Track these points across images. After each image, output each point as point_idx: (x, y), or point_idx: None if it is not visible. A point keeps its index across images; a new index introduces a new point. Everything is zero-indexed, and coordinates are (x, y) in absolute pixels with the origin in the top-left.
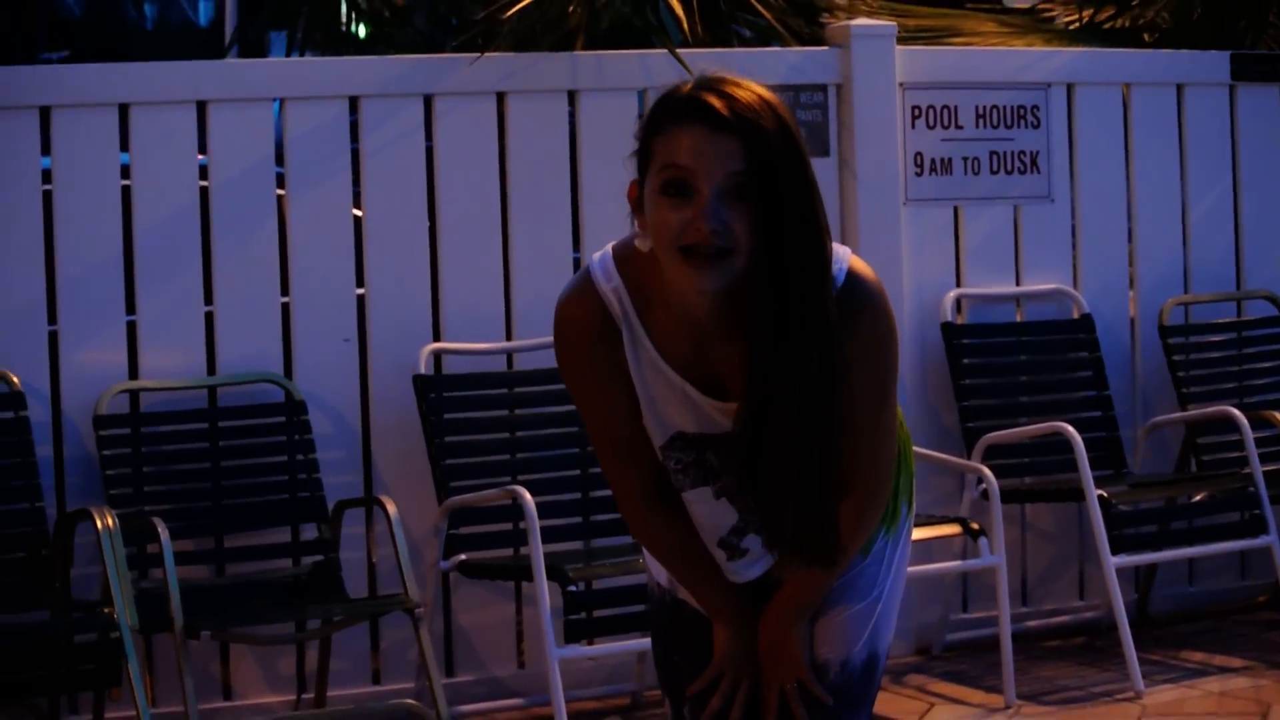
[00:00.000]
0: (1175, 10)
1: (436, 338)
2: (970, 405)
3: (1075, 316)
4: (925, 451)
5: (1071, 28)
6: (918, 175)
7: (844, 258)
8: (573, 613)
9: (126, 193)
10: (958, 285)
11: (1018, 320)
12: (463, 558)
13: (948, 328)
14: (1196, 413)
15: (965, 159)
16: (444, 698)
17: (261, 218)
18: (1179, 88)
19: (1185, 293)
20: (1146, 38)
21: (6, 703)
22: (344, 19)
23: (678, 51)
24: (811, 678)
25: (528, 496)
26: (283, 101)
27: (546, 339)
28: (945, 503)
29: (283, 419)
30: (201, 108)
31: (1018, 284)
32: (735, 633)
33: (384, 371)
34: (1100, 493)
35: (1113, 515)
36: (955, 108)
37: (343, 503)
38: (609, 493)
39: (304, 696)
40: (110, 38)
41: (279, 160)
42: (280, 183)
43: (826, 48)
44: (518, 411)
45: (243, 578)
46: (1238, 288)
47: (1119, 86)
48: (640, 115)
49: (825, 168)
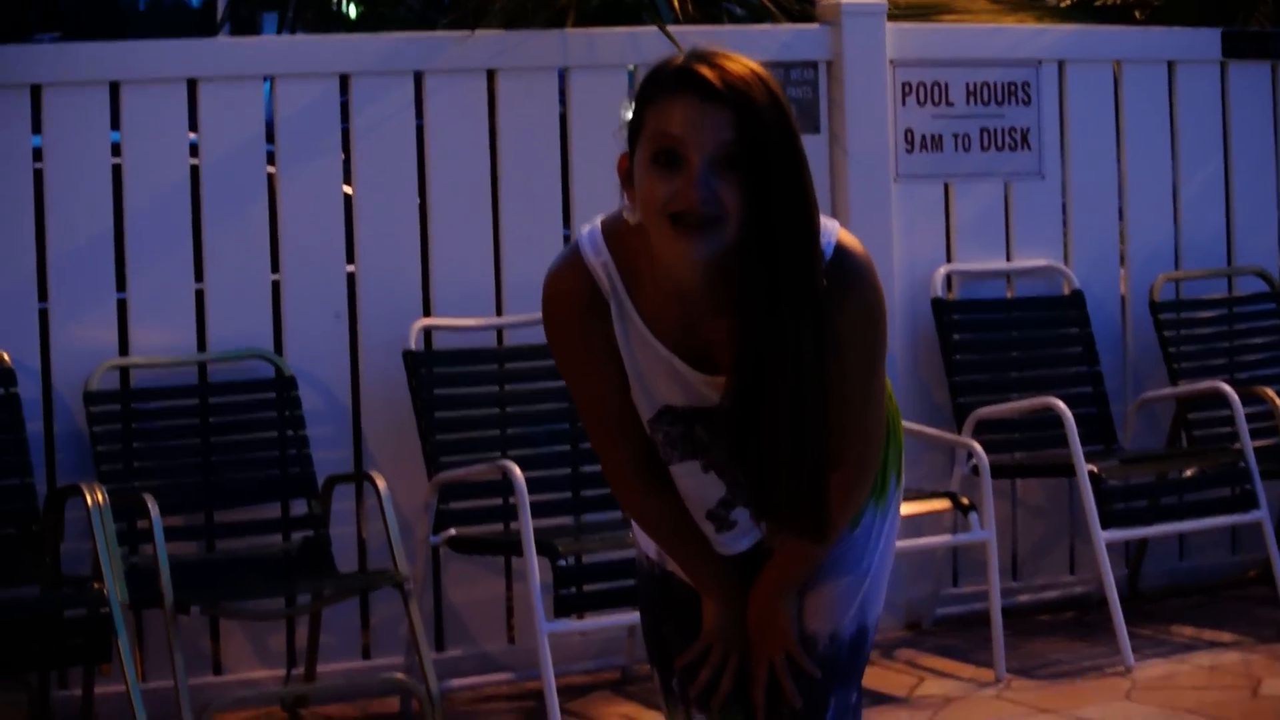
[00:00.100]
0: None
1: (427, 313)
2: (961, 381)
3: (1066, 293)
4: (916, 427)
5: (1063, 5)
6: (908, 152)
7: (832, 231)
8: (563, 587)
9: (117, 171)
10: (948, 261)
11: (1008, 296)
12: (453, 533)
13: (938, 304)
14: (1187, 388)
15: (956, 136)
16: (434, 672)
17: (252, 195)
18: (1170, 65)
19: (1176, 269)
20: (1138, 15)
21: None
22: None
23: (668, 29)
24: (800, 651)
25: (517, 471)
26: (273, 79)
27: (537, 315)
28: (936, 478)
29: (273, 395)
30: (192, 86)
31: (1008, 260)
32: (724, 606)
33: (374, 347)
34: (1091, 468)
35: (1103, 490)
36: (946, 85)
37: (333, 478)
38: (599, 468)
39: (294, 671)
40: (103, 18)
41: (270, 138)
42: (271, 160)
43: (817, 25)
44: (508, 387)
45: (233, 553)
46: (1229, 264)
47: (1110, 64)
48: (630, 91)
49: (816, 145)
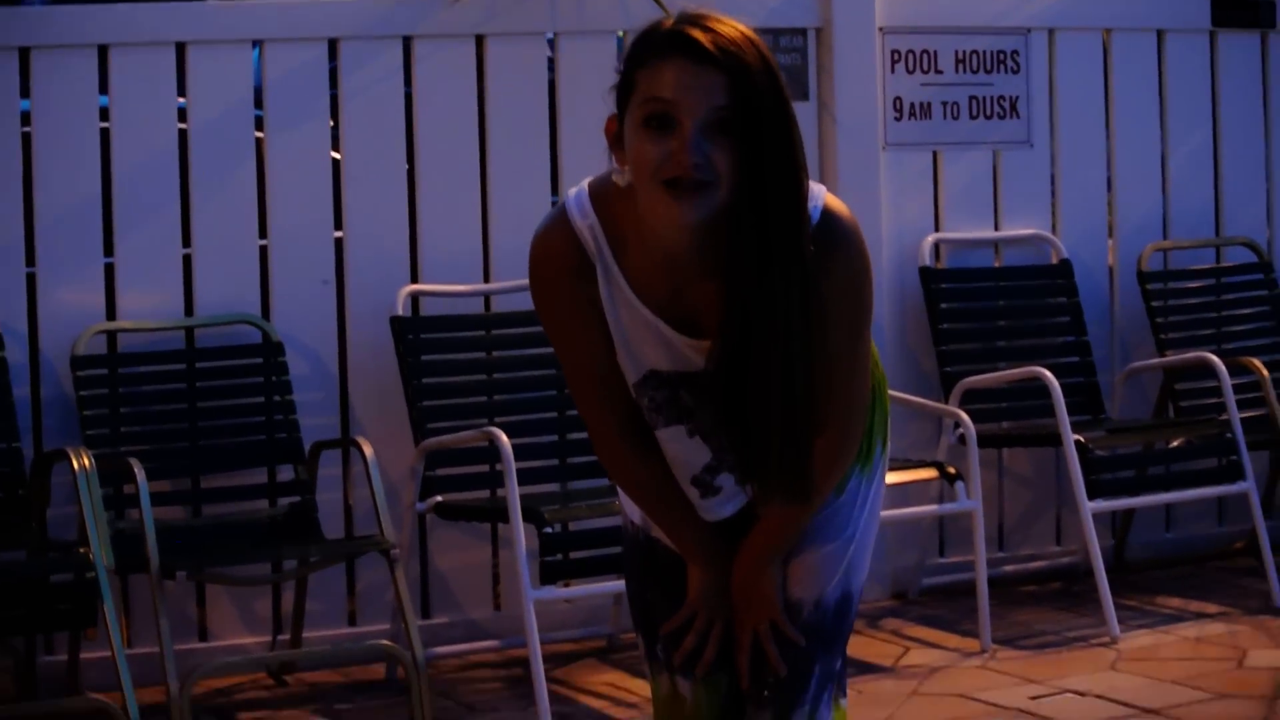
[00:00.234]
0: None
1: (414, 280)
2: (948, 350)
3: (1054, 262)
4: (903, 396)
5: None
6: (897, 120)
7: (819, 195)
8: (549, 554)
9: (105, 135)
10: (936, 230)
11: (996, 265)
12: (439, 499)
13: (926, 272)
14: (1175, 359)
15: (945, 104)
16: (419, 639)
17: (240, 160)
18: (1159, 33)
19: (1164, 239)
20: None
21: None
22: None
23: None
24: (784, 618)
25: (504, 438)
26: (262, 44)
27: (525, 281)
28: (922, 447)
29: (260, 360)
30: (181, 49)
31: (996, 229)
32: (709, 573)
33: (362, 313)
34: (1077, 438)
35: (1090, 460)
36: (935, 52)
37: (319, 444)
38: (586, 435)
39: (280, 638)
40: None
41: (258, 103)
42: (259, 125)
43: None
44: (495, 353)
45: (219, 518)
46: (1217, 234)
47: (1099, 32)
48: (619, 57)
49: (804, 112)
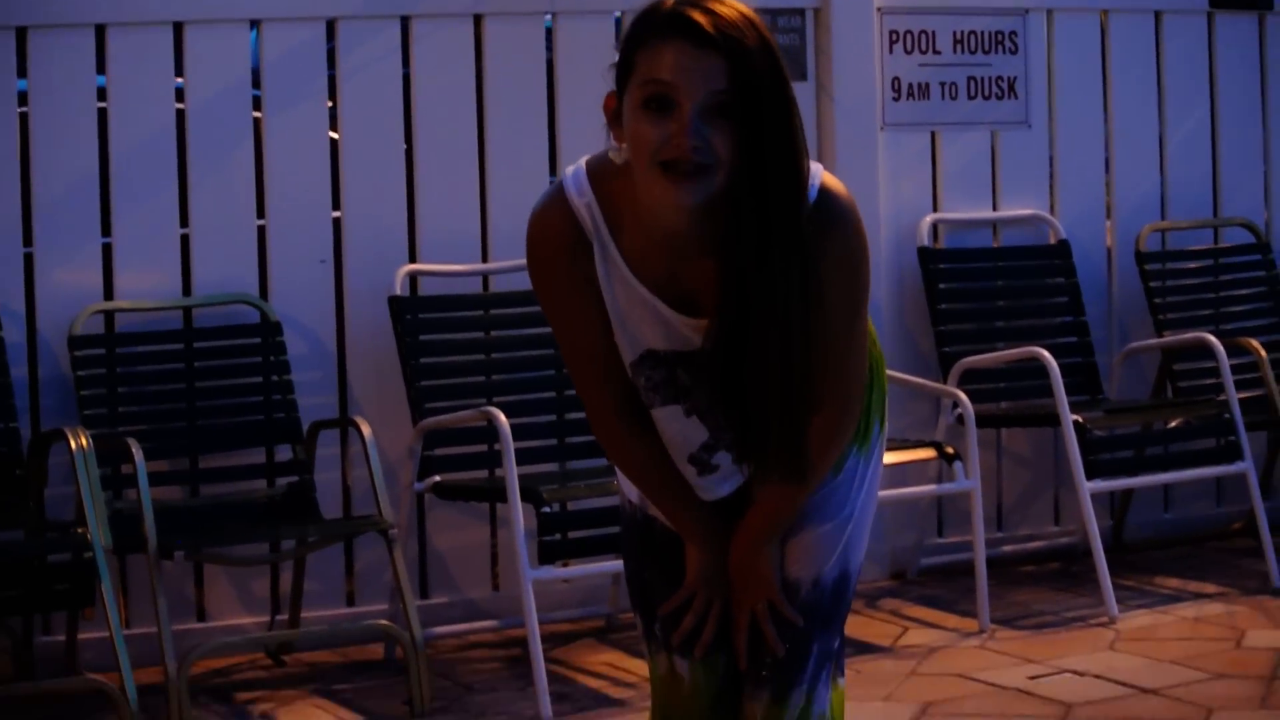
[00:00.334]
0: None
1: (412, 259)
2: (946, 330)
3: (1052, 242)
4: (901, 376)
5: None
6: (895, 100)
7: (816, 175)
8: (547, 534)
9: (103, 115)
10: (934, 210)
11: (994, 245)
12: (437, 479)
13: (924, 252)
14: (1173, 339)
15: (943, 84)
16: (418, 619)
17: (238, 140)
18: (1157, 14)
19: (1162, 219)
20: None
21: None
22: None
23: None
24: (782, 598)
25: (502, 418)
26: (259, 23)
27: (523, 260)
28: (921, 427)
29: (258, 340)
30: (179, 29)
31: (995, 209)
32: (707, 553)
33: (360, 293)
34: (1076, 418)
35: (1088, 441)
36: (933, 33)
37: (317, 424)
38: (584, 415)
39: (278, 618)
40: None
41: (256, 83)
42: (257, 105)
43: None
44: (493, 333)
45: (217, 498)
46: (1215, 214)
47: (1097, 13)
48: (617, 38)
49: (803, 92)
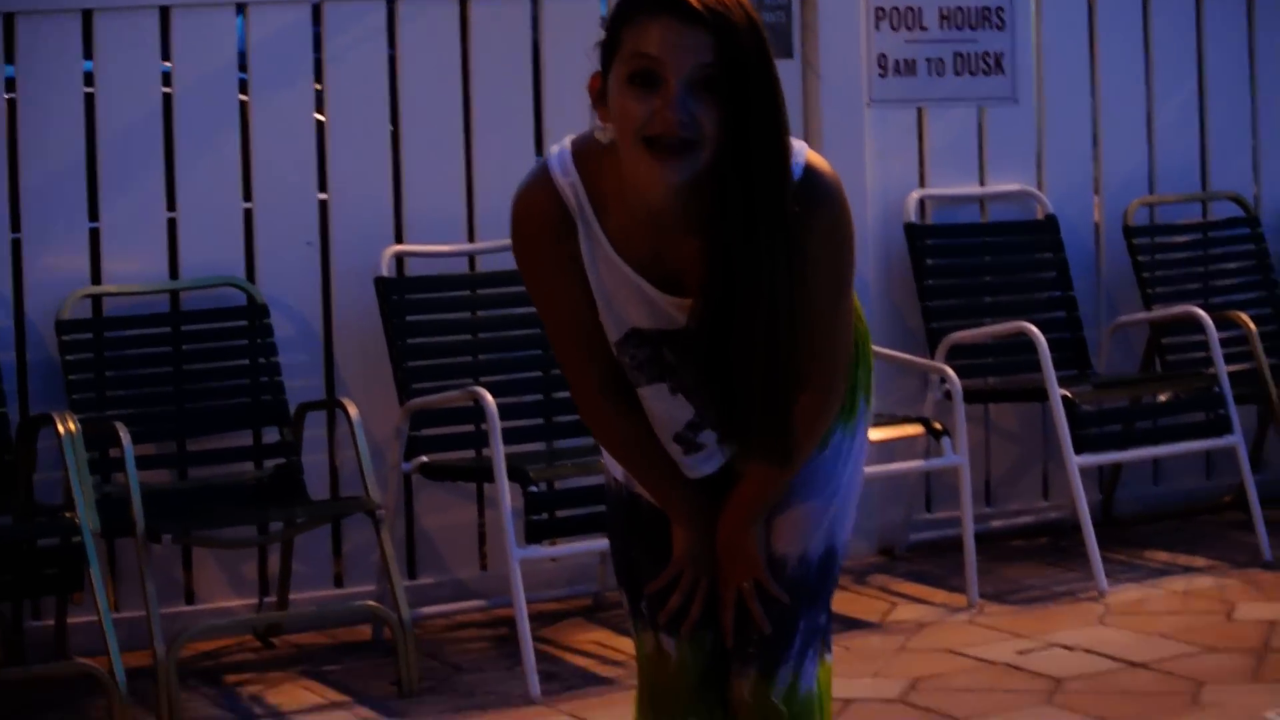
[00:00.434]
0: None
1: (399, 240)
2: (934, 306)
3: (1040, 217)
4: (888, 352)
5: None
6: (881, 77)
7: (801, 152)
8: (534, 513)
9: (90, 99)
10: (921, 186)
11: (982, 221)
12: (424, 459)
13: (911, 228)
14: (1161, 313)
15: (929, 60)
16: (405, 600)
17: (224, 123)
18: None
19: (1150, 193)
20: None
21: None
22: None
23: None
24: (768, 576)
25: (489, 398)
26: (245, 7)
27: (509, 241)
28: (908, 403)
29: (245, 323)
30: (165, 14)
31: (982, 185)
32: (693, 531)
33: (346, 274)
34: (1064, 393)
35: (1077, 415)
36: (919, 9)
37: (304, 405)
38: (570, 394)
39: (266, 600)
40: None
41: (242, 66)
42: (243, 89)
43: None
44: (480, 313)
45: (205, 481)
46: (1203, 189)
47: None
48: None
49: (789, 69)
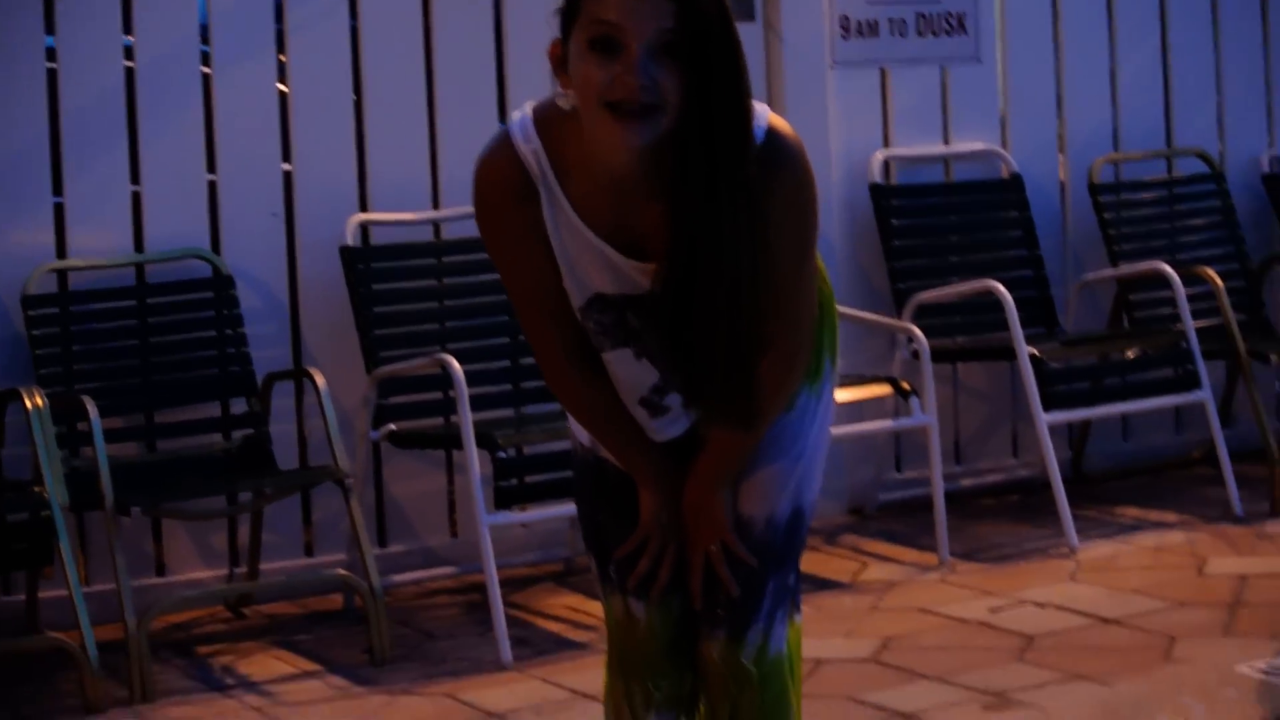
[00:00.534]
0: None
1: (363, 209)
2: (900, 266)
3: (1005, 176)
4: (855, 312)
5: None
6: (844, 38)
7: (763, 115)
8: (503, 479)
9: (52, 75)
10: (886, 147)
11: (947, 181)
12: (392, 428)
13: (876, 189)
14: (1128, 270)
15: (891, 21)
16: (376, 568)
17: (187, 96)
18: None
19: (1115, 151)
20: None
21: None
22: None
23: None
24: (735, 539)
25: (456, 365)
26: None
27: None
28: (876, 363)
29: (211, 294)
30: None
31: (946, 145)
32: (659, 495)
33: (311, 244)
34: (1032, 351)
35: (1045, 373)
36: None
37: (272, 375)
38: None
39: (237, 571)
40: None
41: (205, 39)
42: (206, 61)
43: None
44: (446, 281)
45: (173, 453)
46: (1168, 145)
47: None
48: None
49: (751, 32)
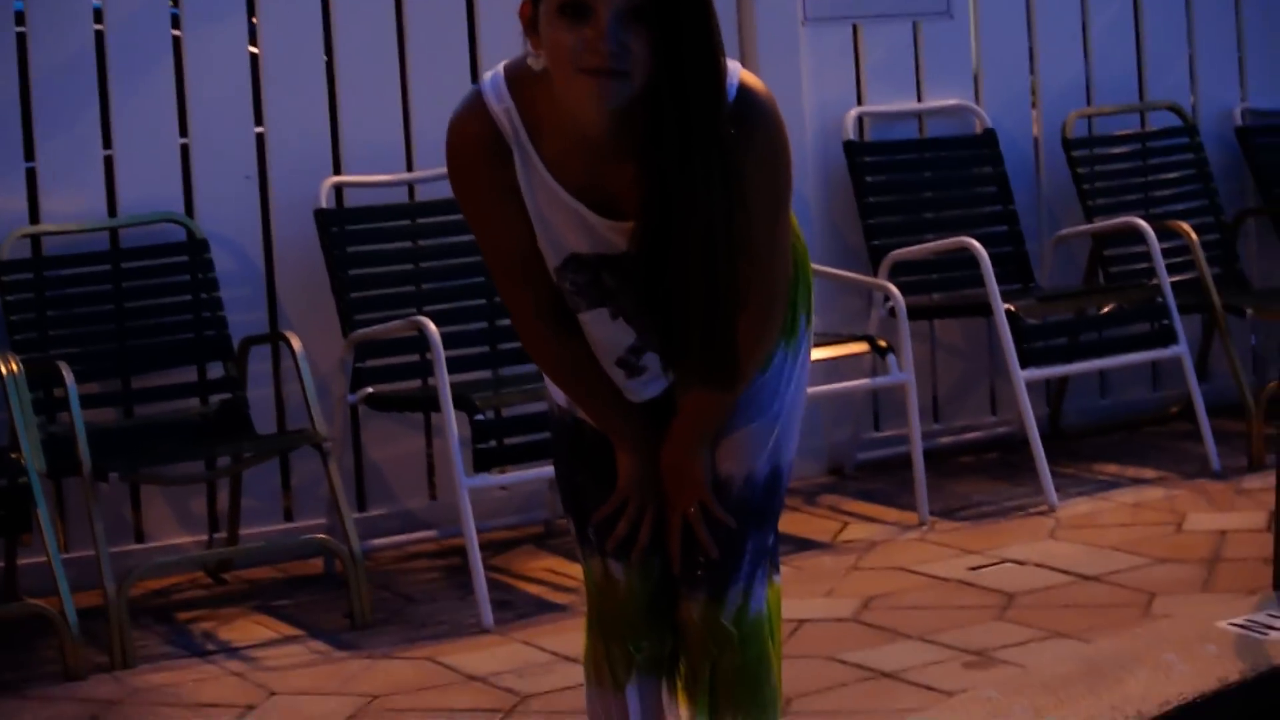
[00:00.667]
0: None
1: (336, 172)
2: (875, 223)
3: (978, 132)
4: (831, 270)
5: None
6: None
7: (735, 73)
8: (482, 442)
9: (21, 39)
10: (859, 104)
11: (920, 137)
12: (370, 390)
13: (850, 146)
14: (1102, 224)
15: None
16: (355, 532)
17: (158, 59)
18: None
19: (1088, 105)
20: None
21: None
22: None
23: None
24: (714, 500)
25: (432, 327)
26: None
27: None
28: (853, 321)
29: (185, 258)
30: None
31: (919, 101)
32: (636, 456)
33: (286, 207)
34: (1008, 307)
35: (1021, 329)
36: None
37: (248, 339)
38: None
39: (216, 536)
40: None
41: (174, 1)
42: (176, 23)
43: None
44: (421, 242)
45: (150, 419)
46: (1140, 99)
47: None
48: None
49: None
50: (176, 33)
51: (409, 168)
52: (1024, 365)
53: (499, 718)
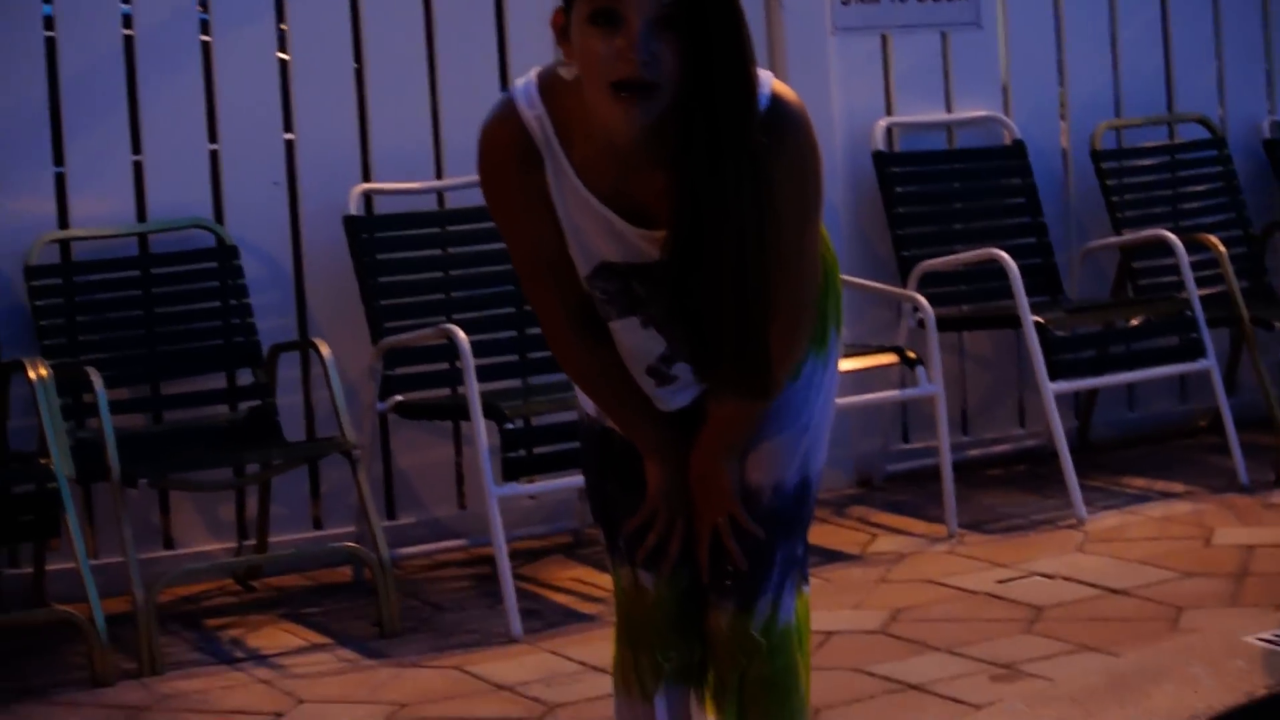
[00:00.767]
0: None
1: (366, 178)
2: (904, 234)
3: (1007, 143)
4: (860, 281)
5: None
6: (844, 4)
7: (766, 82)
8: (511, 451)
9: (51, 44)
10: (888, 114)
11: (949, 148)
12: (399, 398)
13: (879, 156)
14: (1131, 237)
15: None
16: (384, 540)
17: (187, 64)
18: None
19: (1117, 117)
20: None
21: None
22: None
23: None
24: (743, 511)
25: (462, 335)
26: None
27: (477, 176)
28: (882, 332)
29: (215, 264)
30: None
31: (948, 111)
32: (667, 468)
33: (315, 214)
34: (1037, 319)
35: (1050, 341)
36: None
37: (277, 346)
38: None
39: (245, 543)
40: None
41: (204, 5)
42: (205, 29)
43: None
44: (450, 250)
45: (179, 425)
46: (1169, 110)
47: None
48: None
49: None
50: (206, 38)
51: (439, 175)
52: (1053, 377)
53: None
